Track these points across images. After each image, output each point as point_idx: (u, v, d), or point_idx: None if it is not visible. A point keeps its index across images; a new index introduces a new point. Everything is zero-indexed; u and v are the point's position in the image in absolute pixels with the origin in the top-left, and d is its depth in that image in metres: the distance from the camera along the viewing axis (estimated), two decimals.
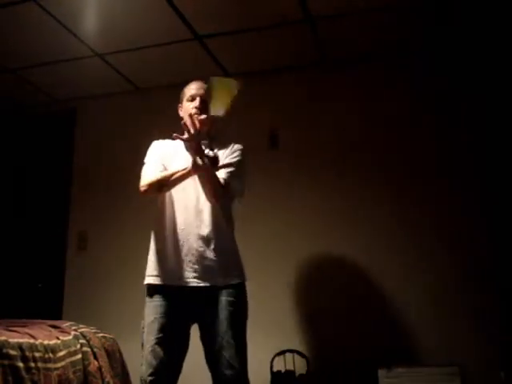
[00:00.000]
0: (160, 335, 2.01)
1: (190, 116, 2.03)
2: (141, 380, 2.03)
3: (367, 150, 3.28)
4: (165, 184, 2.12)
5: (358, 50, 3.31)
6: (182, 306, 2.06)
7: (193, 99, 2.22)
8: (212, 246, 2.09)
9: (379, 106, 3.31)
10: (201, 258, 2.07)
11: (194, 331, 2.14)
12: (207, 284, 2.06)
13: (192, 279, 2.06)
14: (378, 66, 3.36)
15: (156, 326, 2.03)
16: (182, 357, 2.09)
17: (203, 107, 2.15)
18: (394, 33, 3.11)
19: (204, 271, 2.06)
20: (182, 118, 2.19)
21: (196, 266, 2.06)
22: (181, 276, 2.07)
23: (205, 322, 2.08)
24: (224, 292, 2.06)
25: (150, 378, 1.99)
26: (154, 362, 1.99)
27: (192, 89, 2.25)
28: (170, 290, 2.08)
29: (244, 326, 2.11)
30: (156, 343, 2.01)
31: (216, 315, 2.04)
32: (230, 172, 2.14)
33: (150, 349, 2.01)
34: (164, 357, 2.00)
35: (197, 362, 2.14)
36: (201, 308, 2.07)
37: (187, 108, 2.22)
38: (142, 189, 2.16)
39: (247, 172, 2.27)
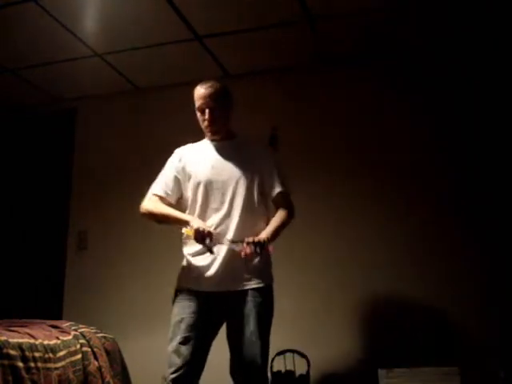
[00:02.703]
0: (186, 335, 2.04)
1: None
2: (165, 379, 2.06)
3: (368, 149, 3.28)
4: (159, 221, 2.22)
5: (358, 50, 3.31)
6: (208, 307, 2.09)
7: (202, 111, 2.20)
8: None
9: (379, 105, 3.31)
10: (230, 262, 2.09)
11: None
12: (234, 289, 2.07)
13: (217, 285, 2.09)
14: (377, 65, 3.36)
15: (183, 326, 2.05)
16: (206, 358, 2.11)
17: (213, 117, 2.18)
18: (394, 33, 3.11)
19: (232, 276, 2.08)
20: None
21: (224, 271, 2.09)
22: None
23: (232, 321, 2.10)
24: (252, 294, 2.08)
25: (172, 376, 2.01)
26: (177, 361, 2.02)
27: (198, 97, 2.19)
28: (199, 293, 2.10)
29: (269, 327, 2.14)
30: (181, 343, 2.03)
31: (244, 315, 2.06)
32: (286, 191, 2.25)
33: (174, 348, 2.04)
34: (188, 356, 2.03)
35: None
36: (228, 309, 2.10)
37: (198, 117, 2.24)
38: (141, 212, 2.24)
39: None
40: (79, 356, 2.25)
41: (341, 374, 3.00)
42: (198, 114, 2.22)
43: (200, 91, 2.19)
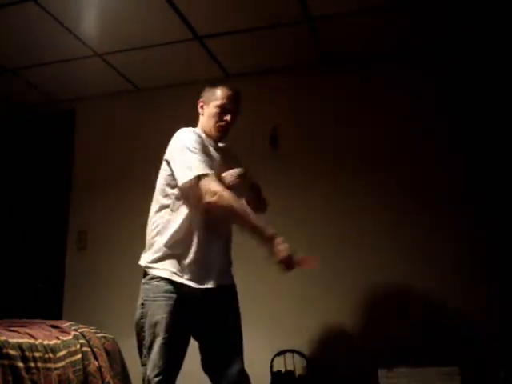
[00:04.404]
0: (167, 335, 1.98)
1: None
2: (143, 380, 2.00)
3: (367, 150, 3.28)
4: (232, 218, 2.06)
5: (358, 50, 3.31)
6: (188, 305, 2.04)
7: (224, 111, 2.17)
8: (227, 250, 2.17)
9: (379, 105, 3.32)
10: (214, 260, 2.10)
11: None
12: (222, 283, 2.08)
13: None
14: (377, 65, 3.36)
15: (163, 327, 1.99)
16: (184, 356, 2.08)
17: (231, 122, 2.20)
18: (394, 32, 3.11)
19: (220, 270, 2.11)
20: (198, 114, 2.26)
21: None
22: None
23: (211, 320, 2.09)
24: (229, 291, 2.14)
25: (156, 379, 1.95)
26: (161, 363, 1.96)
27: (225, 98, 2.17)
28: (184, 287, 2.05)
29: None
30: (163, 343, 1.97)
31: (224, 313, 2.08)
32: None
33: (156, 349, 1.98)
34: (171, 357, 1.99)
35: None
36: (206, 307, 2.07)
37: (214, 113, 2.18)
38: (216, 201, 1.94)
39: None
40: (79, 356, 2.25)
41: (341, 374, 3.00)
42: (216, 111, 2.17)
43: (231, 92, 2.19)
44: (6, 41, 3.18)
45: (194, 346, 2.10)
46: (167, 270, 2.03)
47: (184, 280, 2.02)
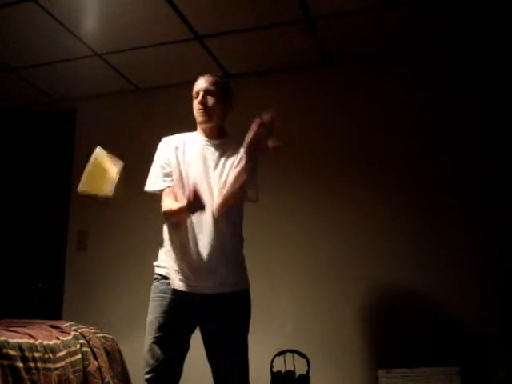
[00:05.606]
0: (158, 335, 2.00)
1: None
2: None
3: (368, 150, 3.28)
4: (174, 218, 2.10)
5: (358, 50, 3.31)
6: (184, 307, 2.05)
7: (197, 95, 2.18)
8: (219, 254, 2.07)
9: (379, 105, 3.31)
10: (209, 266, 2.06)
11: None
12: (214, 292, 2.04)
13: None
14: (377, 65, 3.36)
15: (155, 326, 2.02)
16: (182, 358, 2.08)
17: (206, 100, 2.14)
18: (394, 32, 3.11)
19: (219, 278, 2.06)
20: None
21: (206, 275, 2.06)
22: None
23: (209, 326, 2.08)
24: (230, 299, 2.06)
25: (146, 376, 1.99)
26: (151, 361, 1.99)
27: (195, 85, 2.20)
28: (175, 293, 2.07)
29: (247, 332, 2.11)
30: (154, 342, 2.00)
31: (222, 320, 2.05)
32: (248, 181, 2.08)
33: (147, 348, 2.01)
34: (162, 356, 1.99)
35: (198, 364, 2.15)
36: (205, 313, 2.07)
37: (194, 106, 2.19)
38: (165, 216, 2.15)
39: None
40: (79, 356, 2.25)
41: (341, 374, 3.00)
42: (194, 102, 2.18)
43: (202, 77, 2.21)
44: (5, 41, 3.19)
45: (200, 345, 2.10)
46: (164, 268, 2.12)
47: (175, 283, 2.05)
